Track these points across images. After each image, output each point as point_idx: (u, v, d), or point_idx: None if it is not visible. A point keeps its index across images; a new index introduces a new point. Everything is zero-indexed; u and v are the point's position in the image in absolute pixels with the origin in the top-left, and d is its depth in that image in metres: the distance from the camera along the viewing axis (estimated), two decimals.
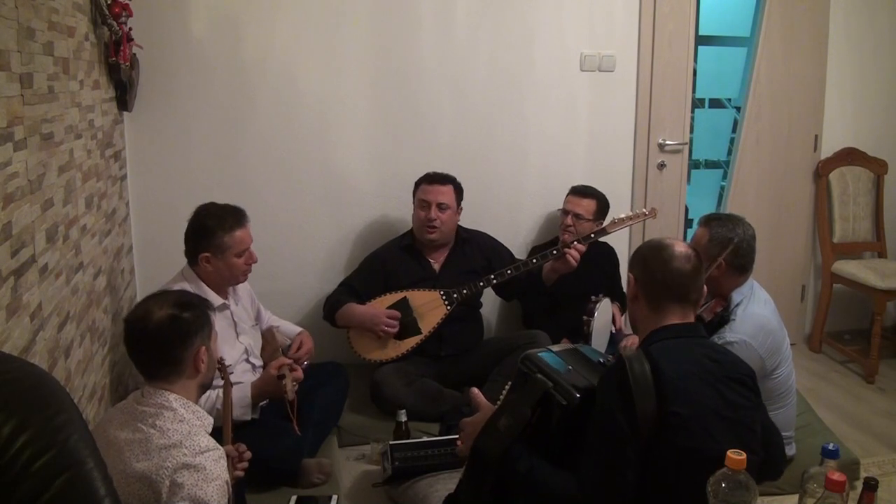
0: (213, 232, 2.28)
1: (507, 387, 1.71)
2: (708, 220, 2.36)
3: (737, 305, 2.26)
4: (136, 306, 1.68)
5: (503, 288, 3.05)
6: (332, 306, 2.91)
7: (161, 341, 1.57)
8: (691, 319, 1.63)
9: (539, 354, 1.66)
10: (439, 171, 3.00)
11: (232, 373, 2.09)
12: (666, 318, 1.60)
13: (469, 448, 1.63)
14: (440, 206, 2.91)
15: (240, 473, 1.74)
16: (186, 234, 2.33)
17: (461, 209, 3.02)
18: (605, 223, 2.89)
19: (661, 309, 1.61)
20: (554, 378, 1.56)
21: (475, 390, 1.79)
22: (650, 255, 1.66)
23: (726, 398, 1.47)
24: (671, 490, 1.42)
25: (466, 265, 2.99)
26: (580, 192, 3.14)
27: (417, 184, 3.00)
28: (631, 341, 2.53)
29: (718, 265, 2.27)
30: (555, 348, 1.72)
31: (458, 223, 3.04)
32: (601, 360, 1.67)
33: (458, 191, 2.99)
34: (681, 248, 1.64)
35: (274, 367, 2.29)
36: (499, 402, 1.68)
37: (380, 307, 2.86)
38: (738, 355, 1.67)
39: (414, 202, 3.00)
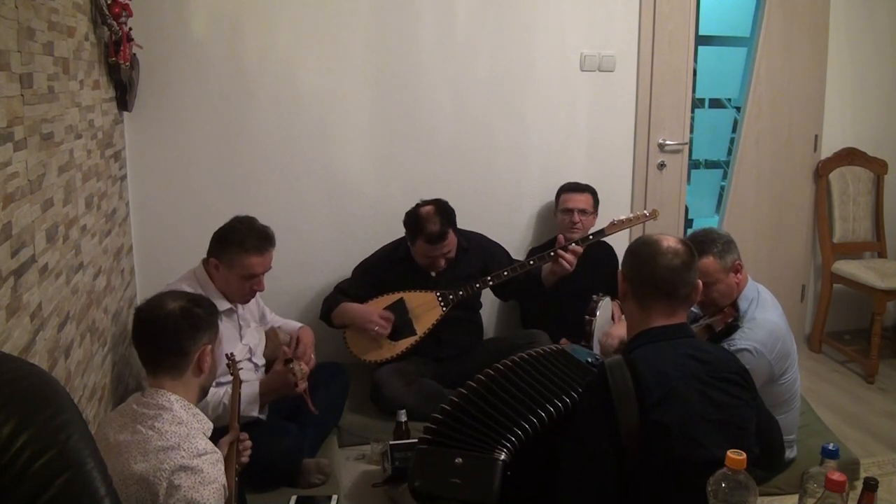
0: (229, 245, 2.31)
1: None
2: (702, 249, 2.16)
3: (745, 311, 2.22)
4: (149, 299, 1.74)
5: (500, 289, 3.04)
6: (328, 306, 2.91)
7: (170, 328, 1.61)
8: (679, 319, 1.57)
9: (426, 478, 1.50)
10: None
11: (241, 368, 2.11)
12: (652, 319, 1.56)
13: None
14: (446, 253, 2.86)
15: (245, 460, 1.75)
16: (214, 233, 2.37)
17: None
18: (605, 225, 2.88)
19: (647, 308, 1.56)
20: (457, 492, 1.44)
21: None
22: (638, 252, 1.62)
23: (713, 400, 1.43)
24: (666, 498, 1.39)
25: (463, 271, 2.96)
26: (575, 188, 3.16)
27: (412, 239, 2.84)
28: (612, 337, 2.45)
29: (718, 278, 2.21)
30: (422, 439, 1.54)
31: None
32: (590, 360, 1.62)
33: (456, 232, 2.89)
34: (670, 242, 1.58)
35: (280, 363, 2.31)
36: None
37: (376, 307, 2.86)
38: (735, 356, 1.63)
39: (413, 245, 2.87)
